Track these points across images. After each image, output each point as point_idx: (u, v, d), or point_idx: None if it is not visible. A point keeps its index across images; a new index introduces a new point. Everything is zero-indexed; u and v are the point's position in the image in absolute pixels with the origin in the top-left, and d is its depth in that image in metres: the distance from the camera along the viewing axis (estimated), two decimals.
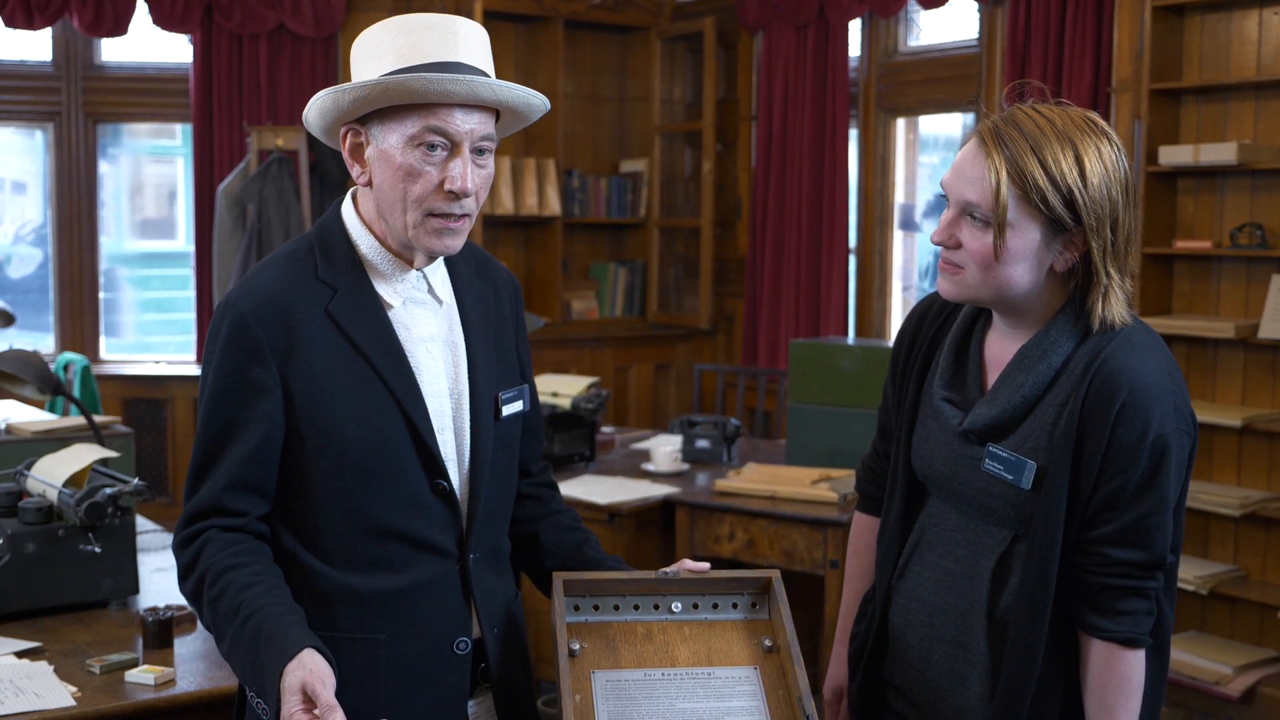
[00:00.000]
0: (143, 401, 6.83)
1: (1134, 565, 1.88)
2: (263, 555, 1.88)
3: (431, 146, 1.82)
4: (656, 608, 2.02)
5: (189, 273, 7.25)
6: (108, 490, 2.84)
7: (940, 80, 6.30)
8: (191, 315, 7.16)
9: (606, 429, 5.28)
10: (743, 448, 5.09)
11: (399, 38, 1.84)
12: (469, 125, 1.85)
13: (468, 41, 1.86)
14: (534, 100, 1.92)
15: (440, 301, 1.99)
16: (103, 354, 7.18)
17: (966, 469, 1.98)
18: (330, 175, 6.38)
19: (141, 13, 6.73)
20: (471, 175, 1.84)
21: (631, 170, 7.54)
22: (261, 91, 6.85)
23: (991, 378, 2.00)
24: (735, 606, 2.04)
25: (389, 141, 1.84)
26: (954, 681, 2.01)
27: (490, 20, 6.61)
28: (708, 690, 1.92)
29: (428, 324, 1.97)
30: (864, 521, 2.29)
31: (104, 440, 3.38)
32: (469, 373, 1.98)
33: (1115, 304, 1.89)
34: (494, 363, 2.02)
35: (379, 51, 1.85)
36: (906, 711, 2.10)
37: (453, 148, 1.84)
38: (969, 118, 6.42)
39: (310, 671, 1.66)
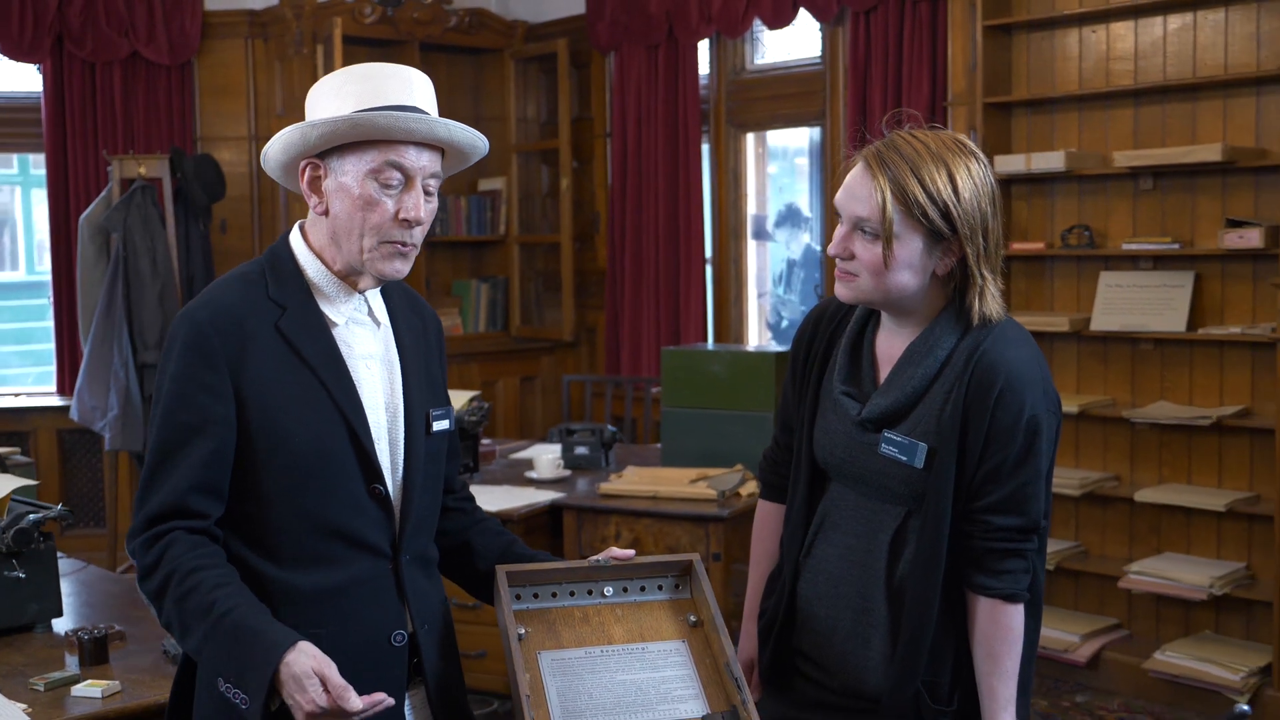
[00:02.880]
0: (3, 435, 6.75)
1: (1014, 530, 2.14)
2: (222, 558, 2.02)
3: (389, 180, 2.01)
4: (590, 593, 2.22)
5: (42, 303, 7.18)
6: (32, 516, 2.93)
7: (786, 96, 6.62)
8: (50, 346, 7.10)
9: (485, 441, 5.44)
10: (620, 453, 5.31)
11: (362, 83, 2.03)
12: (422, 162, 2.05)
13: (422, 89, 2.07)
14: (478, 142, 2.12)
15: (379, 323, 2.17)
16: None
17: (864, 454, 2.23)
18: (195, 202, 6.42)
19: None
20: (424, 206, 2.03)
21: (490, 188, 7.71)
22: (117, 119, 6.84)
23: (883, 371, 2.26)
24: (661, 588, 2.25)
25: (348, 174, 2.02)
26: (858, 644, 2.25)
27: (349, 45, 6.72)
28: (643, 663, 2.13)
29: (367, 343, 2.14)
30: (767, 508, 2.52)
31: (7, 470, 3.44)
32: (403, 389, 2.16)
33: (990, 301, 2.17)
34: (424, 383, 2.20)
35: (341, 93, 2.03)
36: (815, 675, 2.33)
37: (406, 182, 2.03)
38: (815, 131, 6.75)
39: (315, 658, 1.84)
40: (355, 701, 1.81)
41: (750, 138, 6.94)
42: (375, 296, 2.17)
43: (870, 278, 2.16)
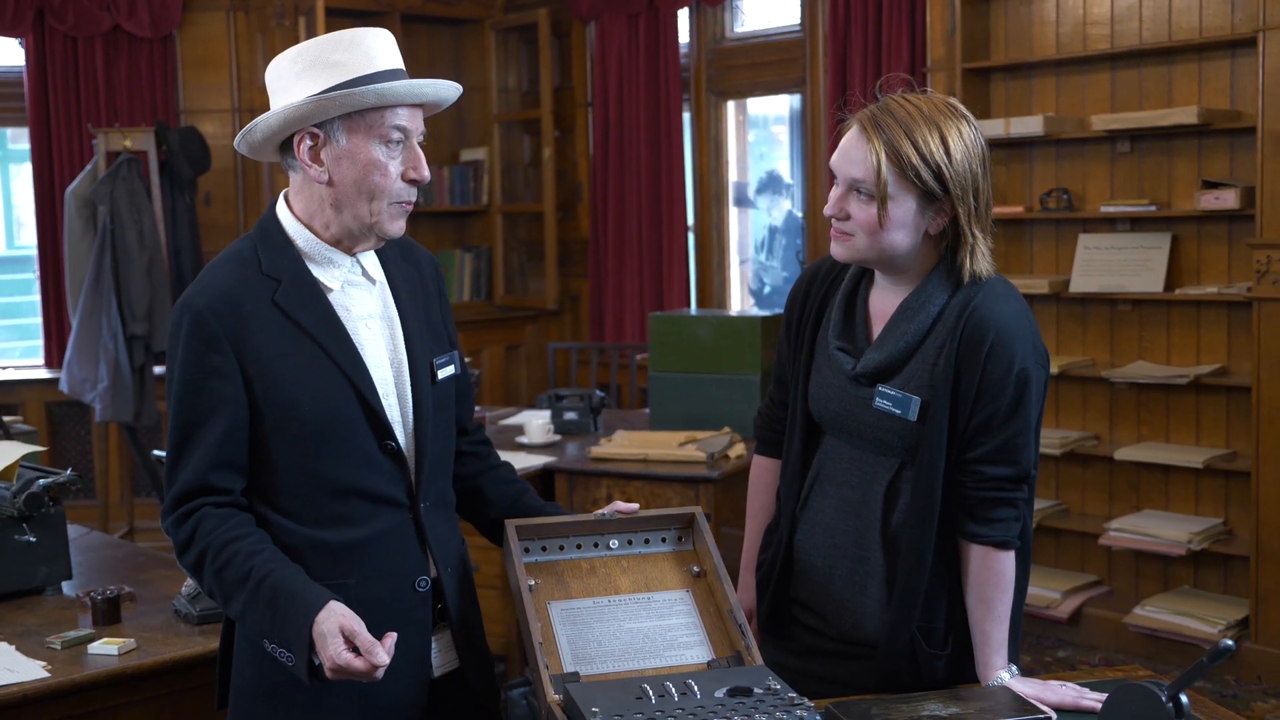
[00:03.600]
0: None
1: (1004, 479, 2.23)
2: (253, 526, 2.10)
3: (394, 141, 2.08)
4: (597, 545, 2.30)
5: (28, 277, 7.20)
6: (41, 482, 2.99)
7: (766, 64, 6.67)
8: (37, 320, 7.12)
9: (475, 408, 5.50)
10: (608, 418, 5.38)
11: (351, 50, 2.08)
12: (416, 122, 2.14)
13: (396, 51, 2.15)
14: (454, 94, 2.20)
15: (374, 281, 2.23)
16: None
17: (859, 408, 2.30)
18: (180, 175, 6.45)
19: None
20: (424, 164, 2.12)
21: (472, 159, 7.75)
22: (100, 93, 6.85)
23: (876, 328, 2.33)
24: (664, 540, 2.33)
25: (353, 140, 2.08)
26: (855, 591, 2.33)
27: (331, 16, 6.74)
28: (649, 612, 2.21)
29: (365, 303, 2.21)
30: (762, 463, 2.60)
31: (12, 438, 3.49)
32: (406, 343, 2.23)
33: (981, 258, 2.24)
34: (425, 333, 2.27)
35: (330, 62, 2.08)
36: (813, 623, 2.41)
37: (406, 140, 2.10)
38: (795, 98, 6.81)
39: (344, 617, 1.92)
40: (382, 656, 1.88)
41: (731, 105, 7.00)
42: (368, 256, 2.23)
43: (865, 237, 2.23)
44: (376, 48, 2.10)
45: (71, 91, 6.85)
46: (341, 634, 1.91)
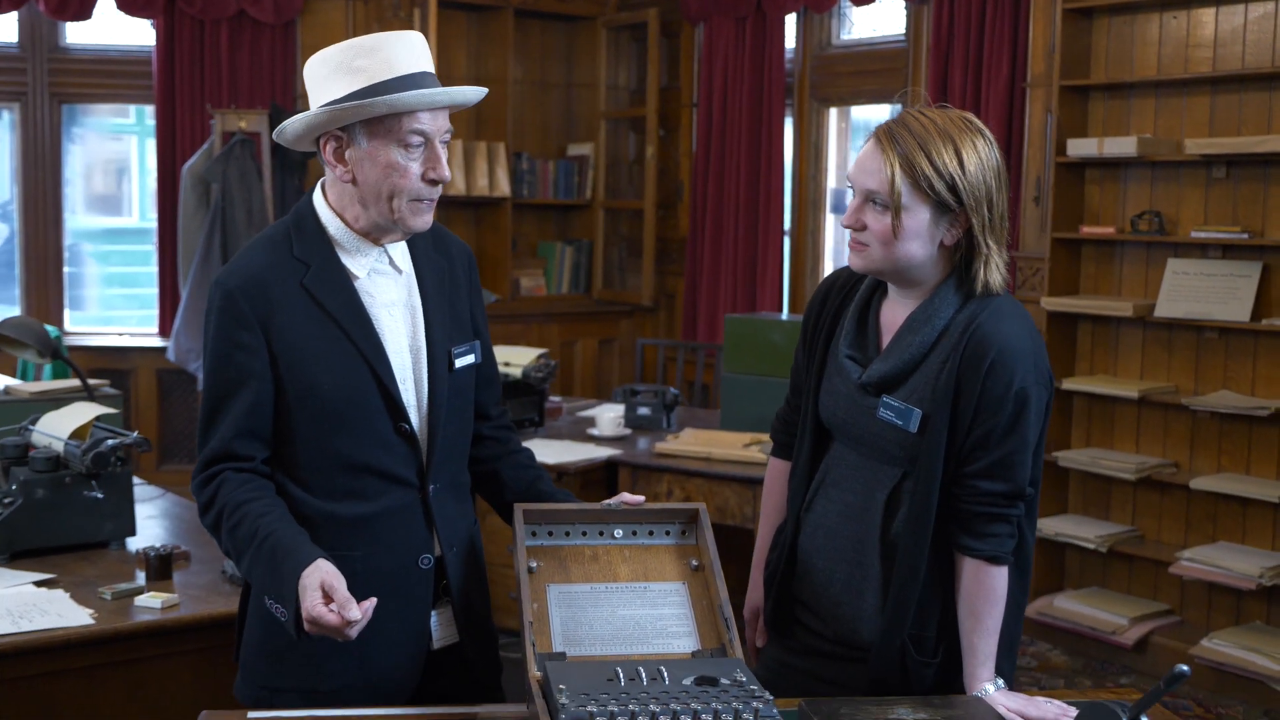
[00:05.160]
0: (107, 371, 7.08)
1: (999, 495, 2.26)
2: (269, 491, 2.24)
3: (413, 144, 2.19)
4: (601, 534, 2.38)
5: (149, 249, 7.51)
6: (110, 442, 3.17)
7: (870, 73, 6.69)
8: (154, 290, 7.43)
9: (554, 398, 5.64)
10: (681, 415, 5.47)
11: (372, 56, 2.18)
12: (438, 123, 2.23)
13: (424, 50, 2.24)
14: (479, 97, 2.30)
15: (400, 271, 2.34)
16: (67, 326, 7.45)
17: (864, 417, 2.36)
18: (290, 157, 6.68)
19: None
20: (445, 164, 2.22)
21: (578, 154, 7.88)
22: (223, 75, 7.12)
23: (886, 338, 2.39)
24: (668, 533, 2.41)
25: (373, 144, 2.19)
26: (852, 595, 2.39)
27: (444, 9, 6.93)
28: (644, 600, 2.29)
29: (389, 291, 2.32)
30: (777, 465, 2.67)
31: (96, 400, 3.69)
32: (426, 331, 2.34)
33: (995, 270, 2.29)
34: (447, 322, 2.38)
35: (352, 69, 2.19)
36: (812, 623, 2.47)
37: (427, 143, 2.20)
38: (898, 109, 6.81)
39: (326, 573, 2.04)
40: (354, 613, 1.99)
41: (833, 112, 7.02)
42: (397, 246, 2.34)
43: (880, 247, 2.29)
44: (400, 53, 2.19)
45: (196, 73, 7.13)
46: (321, 589, 2.02)
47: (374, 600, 2.02)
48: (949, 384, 2.26)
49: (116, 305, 7.90)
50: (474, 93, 2.27)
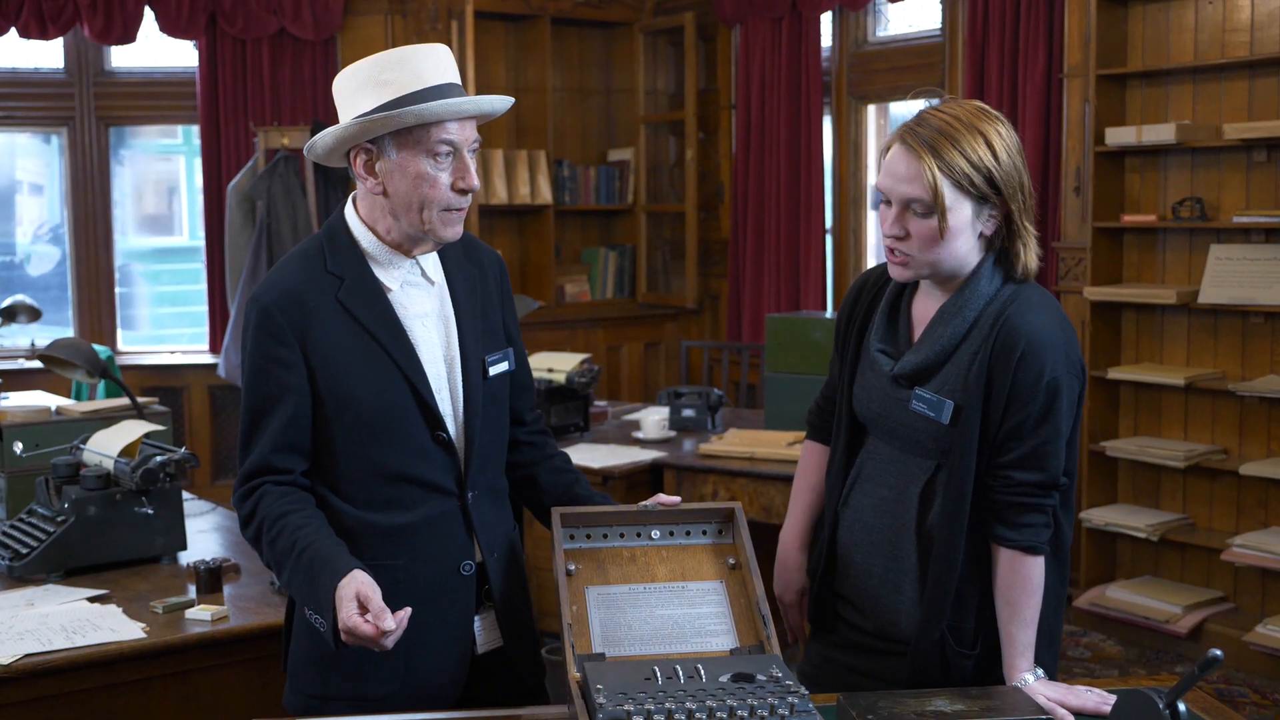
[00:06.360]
0: (159, 389, 7.20)
1: (1033, 485, 2.27)
2: (309, 503, 2.28)
3: (442, 155, 2.22)
4: (639, 535, 2.41)
5: (199, 267, 7.62)
6: (159, 458, 3.23)
7: (907, 68, 6.68)
8: (204, 308, 7.54)
9: (599, 402, 5.67)
10: (726, 416, 5.48)
11: (400, 69, 2.22)
12: (466, 133, 2.26)
13: (449, 62, 2.28)
14: (506, 106, 2.33)
15: (432, 282, 2.38)
16: (120, 345, 7.57)
17: (897, 409, 2.37)
18: (334, 172, 6.76)
19: (149, 20, 7.10)
20: (474, 174, 2.25)
21: (619, 159, 7.92)
22: (265, 93, 7.22)
23: (918, 331, 2.40)
24: (705, 533, 2.43)
25: (403, 156, 2.23)
26: (890, 589, 2.40)
27: (481, 19, 6.99)
28: (682, 600, 2.32)
29: (422, 302, 2.36)
30: (812, 447, 2.69)
31: (145, 418, 3.76)
32: (459, 341, 2.37)
33: (1032, 252, 2.32)
34: (480, 331, 2.41)
35: (379, 82, 2.23)
36: (853, 618, 2.49)
37: (455, 153, 2.24)
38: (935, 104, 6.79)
39: (362, 583, 2.07)
40: (389, 623, 2.02)
41: (871, 109, 7.02)
42: (429, 258, 2.37)
43: (925, 253, 2.29)
44: (427, 65, 2.23)
45: (240, 91, 7.23)
46: (356, 599, 2.06)
47: (409, 610, 2.06)
48: (980, 375, 2.27)
49: (168, 324, 8.02)
50: (501, 102, 2.30)
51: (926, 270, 2.33)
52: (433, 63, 2.25)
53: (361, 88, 2.23)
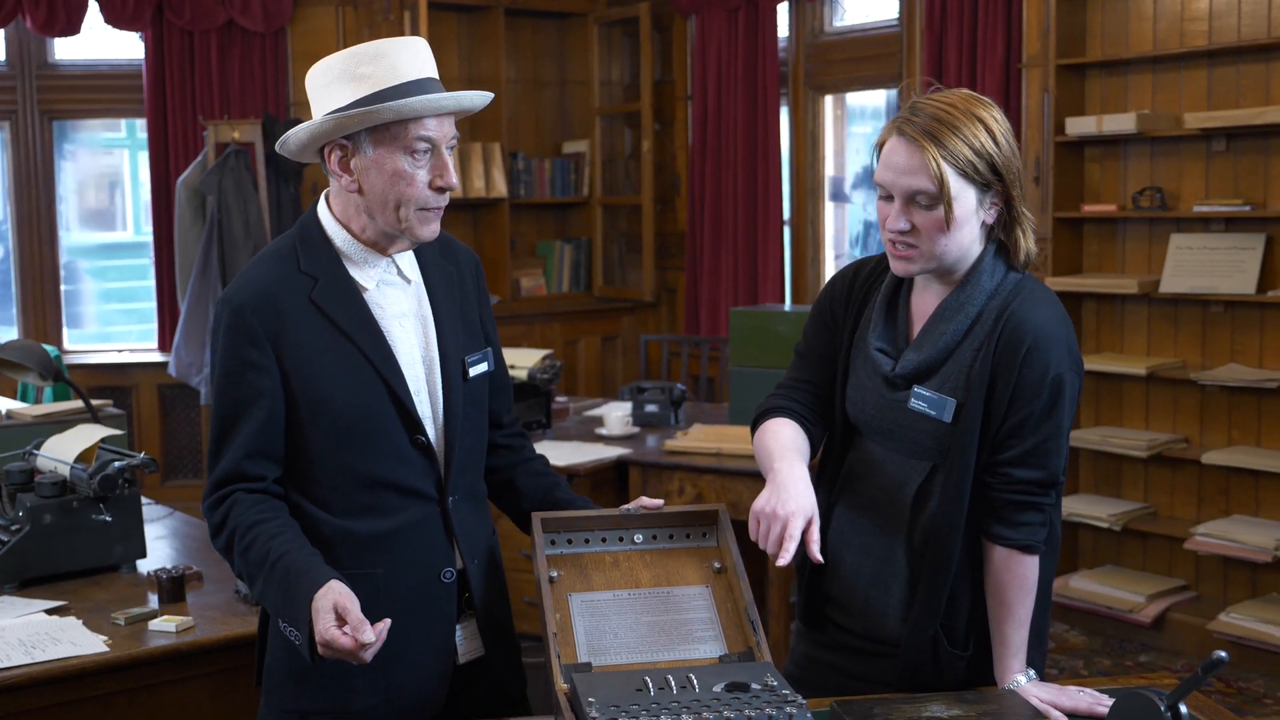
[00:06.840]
0: (108, 389, 7.05)
1: (1033, 483, 2.23)
2: (282, 511, 2.20)
3: (419, 152, 2.15)
4: (621, 539, 2.35)
5: (146, 263, 7.48)
6: (117, 464, 3.13)
7: (864, 59, 6.66)
8: (152, 305, 7.40)
9: (560, 398, 5.60)
10: (688, 411, 5.43)
11: (377, 63, 2.14)
12: (444, 130, 2.19)
13: (427, 56, 2.21)
14: (485, 101, 2.26)
15: (409, 281, 2.31)
16: (66, 344, 7.41)
17: (894, 410, 2.32)
18: (286, 166, 6.64)
19: (93, 12, 6.94)
20: (452, 171, 2.17)
21: (574, 151, 7.84)
22: (213, 86, 7.08)
23: (916, 328, 2.35)
24: (688, 536, 2.38)
25: (380, 151, 2.15)
26: (880, 591, 2.36)
27: (435, 10, 6.88)
28: (668, 606, 2.26)
29: (399, 302, 2.29)
30: (778, 420, 2.40)
31: (100, 421, 3.66)
32: (438, 341, 2.30)
33: (1030, 237, 2.29)
34: (459, 331, 2.34)
35: (355, 76, 2.15)
36: (841, 619, 2.44)
37: (433, 150, 2.17)
38: (893, 93, 6.78)
39: (339, 594, 2.00)
40: (368, 635, 1.95)
41: (829, 99, 6.99)
42: (404, 256, 2.30)
43: (931, 245, 2.23)
44: (403, 59, 2.16)
45: (186, 84, 7.09)
46: (334, 611, 1.99)
47: (388, 621, 1.99)
48: (984, 372, 2.23)
49: (115, 321, 7.87)
50: (480, 98, 2.23)
51: (933, 264, 2.27)
52: (410, 57, 2.17)
53: (336, 81, 2.16)
